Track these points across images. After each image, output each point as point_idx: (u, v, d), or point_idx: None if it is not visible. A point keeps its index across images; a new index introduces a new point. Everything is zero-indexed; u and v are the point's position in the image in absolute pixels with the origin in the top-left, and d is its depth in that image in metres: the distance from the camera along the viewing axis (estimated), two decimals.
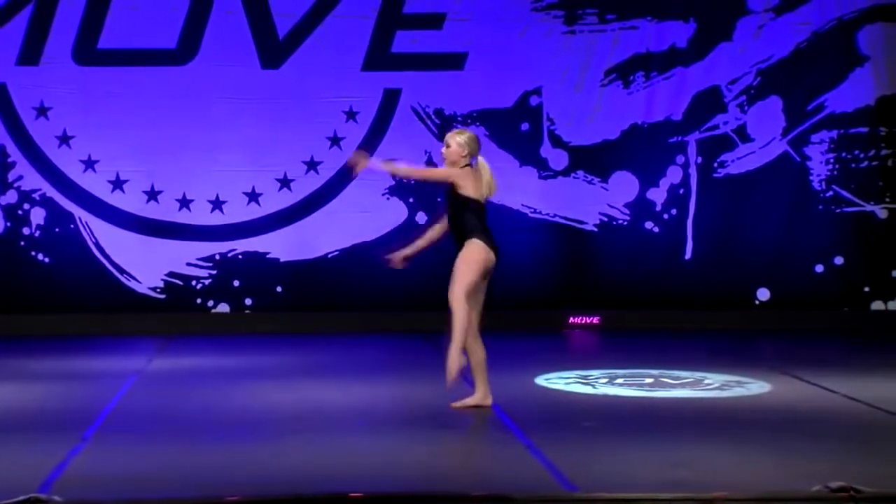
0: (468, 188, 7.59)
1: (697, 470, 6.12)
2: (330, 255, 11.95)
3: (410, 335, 11.33)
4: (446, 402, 8.15)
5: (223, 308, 11.92)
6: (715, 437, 6.92)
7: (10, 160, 11.65)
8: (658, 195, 12.08)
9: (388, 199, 11.97)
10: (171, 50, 11.76)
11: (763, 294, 12.10)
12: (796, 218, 12.07)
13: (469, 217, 7.57)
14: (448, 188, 7.67)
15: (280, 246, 11.91)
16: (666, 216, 12.11)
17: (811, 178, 12.08)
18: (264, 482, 5.97)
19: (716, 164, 12.08)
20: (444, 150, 7.80)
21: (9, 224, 11.67)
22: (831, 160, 12.08)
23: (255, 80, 11.82)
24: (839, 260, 12.05)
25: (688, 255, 12.11)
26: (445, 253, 11.92)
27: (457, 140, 7.75)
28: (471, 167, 7.72)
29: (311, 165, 11.93)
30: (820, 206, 12.07)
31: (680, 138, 12.06)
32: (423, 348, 10.70)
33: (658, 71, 12.00)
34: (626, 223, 12.09)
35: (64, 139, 11.73)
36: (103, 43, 11.68)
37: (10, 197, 11.69)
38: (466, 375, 7.65)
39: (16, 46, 11.56)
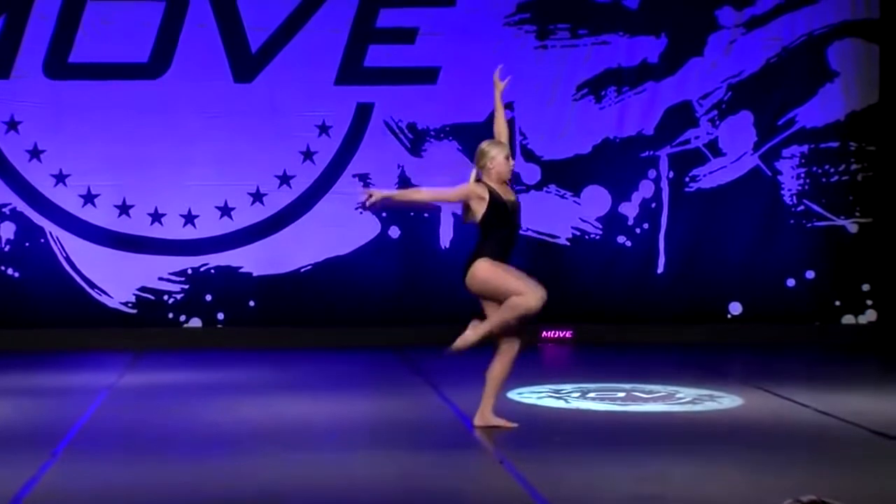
0: (482, 197, 7.38)
1: (668, 484, 6.13)
2: (303, 270, 11.93)
3: (383, 350, 11.32)
4: (419, 417, 8.15)
5: (195, 323, 11.87)
6: (686, 451, 6.94)
7: None
8: (630, 209, 12.12)
9: (360, 213, 11.95)
10: (143, 64, 11.73)
11: (735, 308, 12.14)
12: (768, 232, 12.13)
13: (489, 233, 7.46)
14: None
15: (252, 260, 11.88)
16: (638, 230, 12.14)
17: (782, 192, 12.15)
18: (236, 498, 5.94)
19: (687, 179, 12.12)
20: (489, 163, 7.50)
21: None
22: (802, 175, 12.15)
23: (228, 94, 11.79)
24: (810, 274, 12.11)
25: (660, 270, 12.14)
26: (419, 268, 12.00)
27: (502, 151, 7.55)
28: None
29: (284, 180, 11.91)
30: (791, 221, 12.13)
31: (652, 153, 12.10)
32: (395, 363, 10.69)
33: (630, 86, 12.04)
34: (598, 237, 12.12)
35: (35, 153, 11.67)
36: (75, 57, 11.64)
37: None
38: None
39: None
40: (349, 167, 11.94)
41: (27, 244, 11.66)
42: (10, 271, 11.66)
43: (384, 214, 11.93)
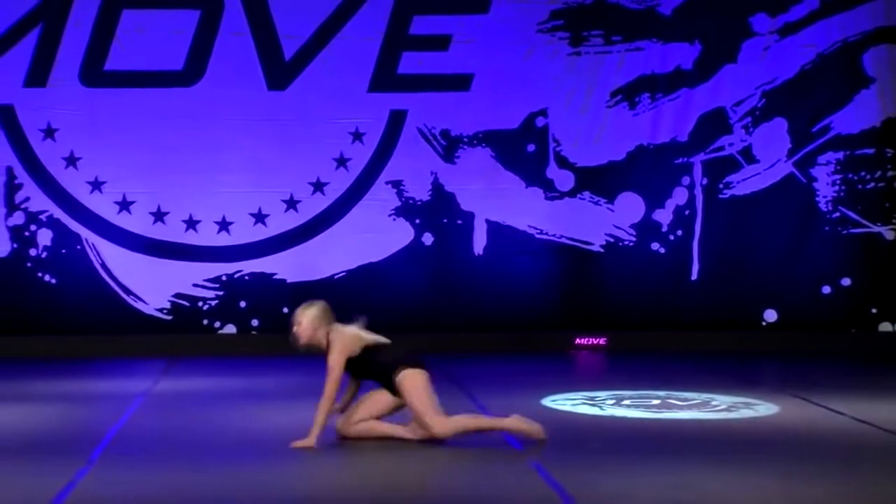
0: (354, 348, 7.14)
1: (702, 492, 6.10)
2: (336, 276, 11.96)
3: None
4: None
5: (230, 329, 11.93)
6: (721, 459, 6.90)
7: (17, 182, 11.67)
8: (664, 216, 12.09)
9: (394, 219, 11.99)
10: (177, 71, 11.80)
11: (770, 315, 12.08)
12: (803, 239, 12.07)
13: (377, 360, 7.19)
14: (348, 363, 7.14)
15: (286, 267, 11.92)
16: (672, 237, 12.11)
17: (818, 199, 12.08)
18: (276, 502, 5.95)
19: (721, 186, 12.09)
20: (295, 328, 7.21)
21: (16, 245, 11.70)
22: (838, 181, 12.08)
23: (262, 101, 11.85)
24: (846, 281, 12.04)
25: (694, 276, 12.10)
26: (452, 275, 12.00)
27: (307, 315, 7.19)
28: (335, 330, 7.19)
29: (318, 186, 11.95)
30: (827, 228, 12.07)
31: (685, 159, 12.07)
32: (429, 369, 10.67)
33: (664, 92, 12.02)
34: (632, 244, 12.09)
35: (71, 160, 11.76)
36: (110, 65, 11.73)
37: (18, 218, 11.71)
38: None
39: (23, 68, 11.61)
40: (383, 174, 11.97)
41: (64, 251, 11.75)
42: (46, 278, 11.75)
43: (417, 221, 11.95)
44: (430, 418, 7.13)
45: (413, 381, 7.19)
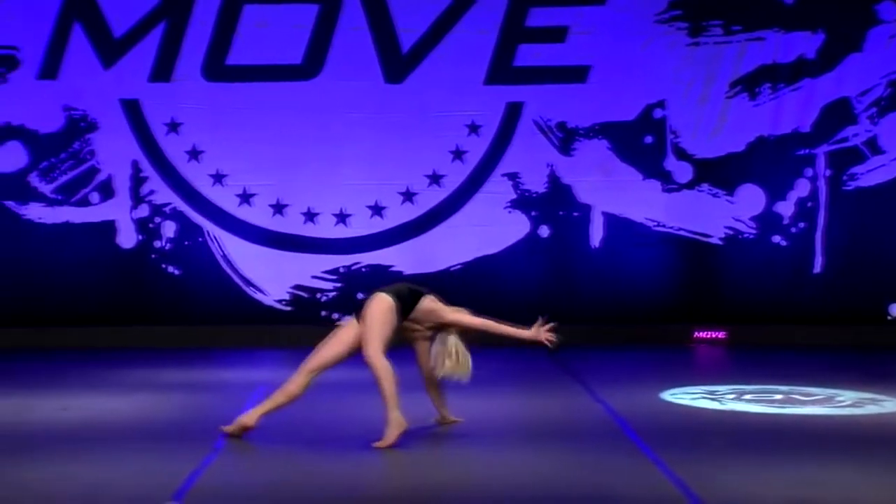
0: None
1: (828, 489, 6.00)
2: (452, 269, 11.99)
3: (533, 349, 11.27)
4: (570, 416, 8.13)
5: (348, 320, 12.00)
6: (846, 455, 6.77)
7: (142, 175, 11.93)
8: (786, 208, 11.89)
9: (510, 212, 11.98)
10: (297, 65, 11.94)
11: None
12: None
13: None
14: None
15: (403, 259, 11.99)
16: (794, 230, 11.91)
17: None
18: (393, 494, 6.00)
19: (846, 177, 11.85)
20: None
21: (142, 237, 11.95)
22: None
23: (379, 94, 11.93)
24: None
25: (817, 270, 11.89)
26: (569, 267, 11.95)
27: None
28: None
29: (434, 179, 12.00)
30: None
31: (808, 151, 11.86)
32: (545, 362, 10.66)
33: (785, 82, 11.82)
34: (752, 237, 11.92)
35: (194, 154, 11.98)
36: (232, 59, 11.91)
37: (143, 211, 11.97)
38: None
39: (148, 64, 11.84)
40: (499, 166, 11.97)
41: (187, 242, 11.98)
42: (170, 269, 11.99)
43: (534, 213, 11.93)
44: (371, 345, 7.12)
45: (375, 304, 7.22)
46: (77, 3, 11.75)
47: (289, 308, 11.99)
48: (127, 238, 11.93)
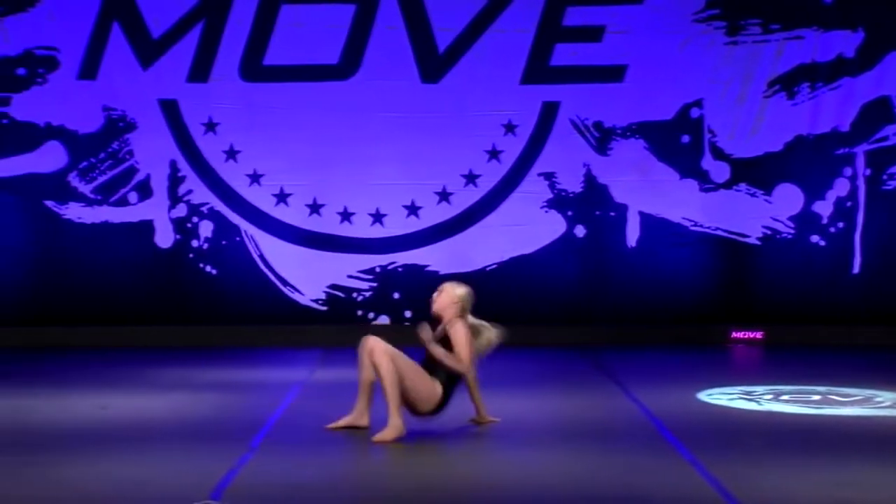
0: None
1: (867, 491, 5.95)
2: (488, 269, 11.99)
3: (569, 349, 11.29)
4: (607, 417, 8.11)
5: (383, 320, 12.06)
6: (885, 457, 6.72)
7: (180, 174, 12.00)
8: (824, 208, 11.81)
9: (546, 212, 11.97)
10: (333, 65, 11.97)
11: None
12: None
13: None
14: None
15: (439, 258, 12.00)
16: (833, 229, 11.83)
17: None
18: (428, 493, 6.01)
19: (885, 177, 11.75)
20: (436, 294, 7.58)
21: (179, 237, 12.02)
22: None
23: (416, 94, 11.95)
24: None
25: (856, 270, 11.80)
26: (605, 268, 11.92)
27: (454, 291, 7.58)
28: (466, 319, 7.50)
29: (470, 179, 11.99)
30: None
31: (847, 150, 11.77)
32: (581, 362, 10.65)
33: (824, 81, 11.74)
34: (790, 236, 11.85)
35: (231, 154, 12.03)
36: (269, 59, 11.95)
37: (180, 210, 12.03)
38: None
39: (186, 64, 11.90)
40: (535, 166, 11.96)
41: (224, 242, 12.03)
42: (207, 268, 12.04)
43: (570, 213, 11.91)
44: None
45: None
46: (116, 4, 11.84)
47: (325, 308, 12.03)
48: (164, 238, 12.00)
